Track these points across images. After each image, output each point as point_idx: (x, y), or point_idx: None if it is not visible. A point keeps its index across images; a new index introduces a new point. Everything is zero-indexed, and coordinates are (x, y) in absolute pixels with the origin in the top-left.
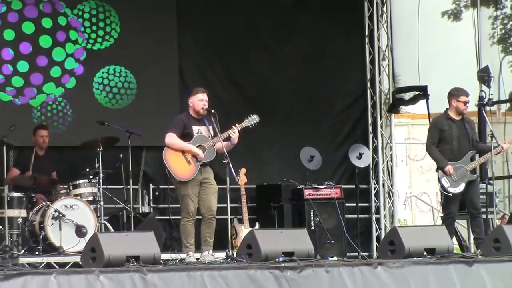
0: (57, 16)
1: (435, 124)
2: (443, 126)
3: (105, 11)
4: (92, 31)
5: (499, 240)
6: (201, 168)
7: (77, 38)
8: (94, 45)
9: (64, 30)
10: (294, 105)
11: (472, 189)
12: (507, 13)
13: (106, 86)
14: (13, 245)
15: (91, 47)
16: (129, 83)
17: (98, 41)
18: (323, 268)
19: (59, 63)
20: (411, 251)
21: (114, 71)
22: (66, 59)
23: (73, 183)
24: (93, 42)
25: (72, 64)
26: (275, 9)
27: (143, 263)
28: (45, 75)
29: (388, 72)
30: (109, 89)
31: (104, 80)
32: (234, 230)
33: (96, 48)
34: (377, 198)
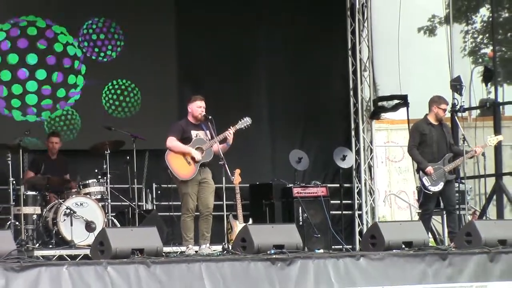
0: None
1: (416, 128)
2: (424, 130)
3: (110, 26)
4: (95, 45)
5: (471, 234)
6: (200, 168)
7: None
8: (98, 58)
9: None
10: (284, 111)
11: (449, 187)
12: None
13: (115, 98)
14: (28, 239)
15: (95, 59)
16: (135, 94)
17: (101, 55)
18: (310, 260)
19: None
20: (390, 244)
21: (120, 83)
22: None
23: (83, 182)
24: (97, 55)
25: (78, 79)
26: (269, 22)
27: (147, 255)
28: (54, 89)
29: (369, 81)
30: (118, 102)
31: (112, 91)
32: (229, 225)
33: (100, 60)
34: (359, 196)
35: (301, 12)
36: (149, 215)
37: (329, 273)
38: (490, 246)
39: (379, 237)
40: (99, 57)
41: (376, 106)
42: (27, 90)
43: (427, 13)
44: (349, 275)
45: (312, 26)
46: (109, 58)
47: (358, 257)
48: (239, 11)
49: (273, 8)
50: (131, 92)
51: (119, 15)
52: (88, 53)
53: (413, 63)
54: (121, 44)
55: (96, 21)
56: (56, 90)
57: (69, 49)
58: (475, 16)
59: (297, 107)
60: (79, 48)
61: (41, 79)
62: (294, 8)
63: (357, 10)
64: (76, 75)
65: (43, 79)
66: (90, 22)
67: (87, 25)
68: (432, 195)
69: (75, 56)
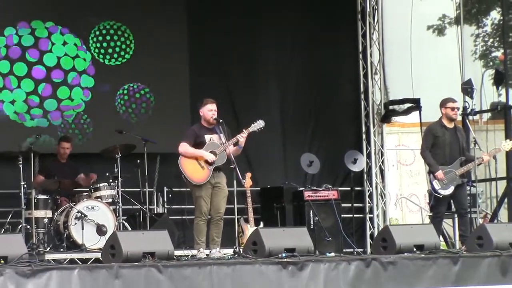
0: None
1: (430, 130)
2: (437, 132)
3: (119, 29)
4: (106, 49)
5: (482, 237)
6: (214, 173)
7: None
8: (111, 61)
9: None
10: (295, 114)
11: (460, 191)
12: (488, 31)
13: (126, 100)
14: (39, 243)
15: (108, 63)
16: (147, 98)
17: (114, 56)
18: (321, 263)
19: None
20: (401, 247)
21: (135, 87)
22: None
23: (94, 186)
24: (109, 58)
25: (89, 81)
26: (280, 27)
27: (158, 258)
28: None
29: (380, 85)
30: (129, 104)
31: (125, 95)
32: (240, 229)
33: (112, 64)
34: (370, 199)
35: (312, 16)
36: (160, 218)
37: (340, 275)
38: (501, 249)
39: (390, 240)
40: (110, 61)
41: (388, 110)
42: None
43: (438, 15)
44: (360, 277)
45: (323, 30)
46: (120, 62)
47: (369, 260)
48: (249, 15)
49: (283, 12)
50: (143, 95)
51: (130, 20)
52: (98, 57)
53: (424, 67)
54: (132, 48)
55: (107, 24)
56: None
57: (79, 53)
58: (486, 19)
59: (308, 111)
60: (88, 51)
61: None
62: (304, 12)
63: (367, 13)
64: None
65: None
66: (100, 26)
67: (98, 29)
68: (443, 198)
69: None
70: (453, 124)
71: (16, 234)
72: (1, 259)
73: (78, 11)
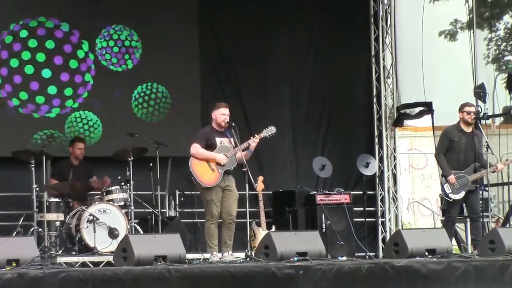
0: None
1: (446, 133)
2: (453, 137)
3: (126, 33)
4: (114, 54)
5: (494, 241)
6: (224, 176)
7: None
8: (116, 65)
9: None
10: (307, 118)
11: (472, 195)
12: (500, 35)
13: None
14: (51, 246)
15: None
16: (166, 98)
17: (121, 61)
18: (333, 267)
19: None
20: (413, 252)
21: (149, 87)
22: None
23: (106, 189)
24: (117, 62)
25: None
26: (292, 30)
27: (169, 262)
28: None
29: (392, 88)
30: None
31: (145, 97)
32: (252, 232)
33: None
34: (382, 203)
35: (324, 19)
36: (172, 222)
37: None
38: None
39: (402, 244)
40: (118, 65)
41: (400, 113)
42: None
43: (450, 19)
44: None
45: (335, 33)
46: (131, 66)
47: (382, 264)
48: (262, 18)
49: (296, 15)
50: (162, 97)
51: (139, 23)
52: (105, 61)
53: (437, 70)
54: (142, 52)
55: (115, 28)
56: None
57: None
58: (499, 23)
59: (320, 114)
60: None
61: None
62: (317, 15)
63: (380, 17)
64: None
65: None
66: (110, 30)
67: (105, 33)
68: (454, 202)
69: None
70: (470, 128)
71: (28, 237)
72: (13, 261)
73: (87, 13)
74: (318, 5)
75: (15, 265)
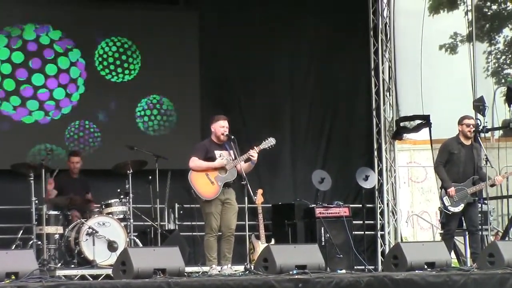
0: None
1: (446, 146)
2: (453, 149)
3: (125, 45)
4: (113, 65)
5: (493, 254)
6: (224, 189)
7: None
8: (119, 78)
9: None
10: (307, 131)
11: (471, 208)
12: (500, 48)
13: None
14: (50, 258)
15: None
16: (168, 111)
17: (121, 72)
18: (332, 280)
19: None
20: (413, 265)
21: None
22: None
23: (105, 202)
24: (118, 75)
25: None
26: (293, 43)
27: (169, 275)
28: None
29: (391, 102)
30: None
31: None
32: (251, 245)
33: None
34: (382, 216)
35: (324, 33)
36: (171, 235)
37: None
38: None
39: (401, 257)
40: (119, 77)
41: (399, 127)
42: None
43: (450, 33)
44: None
45: (336, 47)
46: (128, 78)
47: (381, 278)
48: (262, 29)
49: (296, 27)
50: (164, 110)
51: (138, 34)
52: (106, 74)
53: (436, 83)
54: (140, 64)
55: (114, 40)
56: None
57: None
58: (498, 36)
59: (319, 128)
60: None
61: None
62: (317, 27)
63: (380, 30)
64: None
65: None
66: (109, 42)
67: (104, 45)
68: (453, 215)
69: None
70: (470, 141)
71: (27, 250)
72: (12, 275)
73: (84, 26)
74: (318, 18)
75: (14, 278)
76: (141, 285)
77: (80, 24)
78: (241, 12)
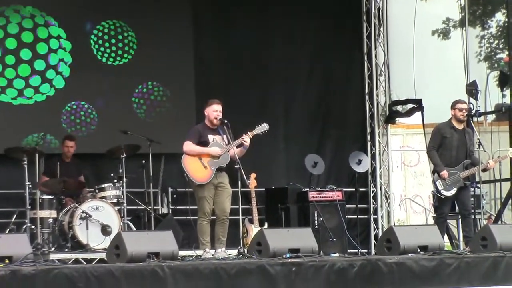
0: None
1: (438, 130)
2: (445, 133)
3: (121, 28)
4: (108, 49)
5: (486, 238)
6: (217, 173)
7: None
8: (115, 61)
9: None
10: (301, 116)
11: (464, 192)
12: (493, 32)
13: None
14: (44, 243)
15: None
16: (162, 97)
17: (116, 56)
18: (325, 263)
19: None
20: (406, 248)
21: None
22: None
23: (99, 186)
24: (111, 57)
25: None
26: (287, 25)
27: (162, 259)
28: None
29: (384, 86)
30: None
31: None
32: (245, 229)
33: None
34: (375, 200)
35: (318, 17)
36: (164, 219)
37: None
38: (505, 250)
39: (394, 241)
40: (115, 60)
41: (391, 111)
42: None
43: (442, 18)
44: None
45: (328, 31)
46: (124, 61)
47: (374, 261)
48: (256, 15)
49: (291, 12)
50: (158, 95)
51: (133, 19)
52: (99, 56)
53: (429, 68)
54: (135, 47)
55: (109, 24)
56: None
57: None
58: (491, 20)
59: (313, 112)
60: None
61: None
62: (311, 13)
63: (372, 14)
64: None
65: None
66: (105, 25)
67: (100, 29)
68: (445, 199)
69: None
70: (462, 126)
71: (21, 234)
72: (6, 259)
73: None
74: (312, 3)
75: (8, 262)
76: (135, 268)
77: (70, 8)
78: None
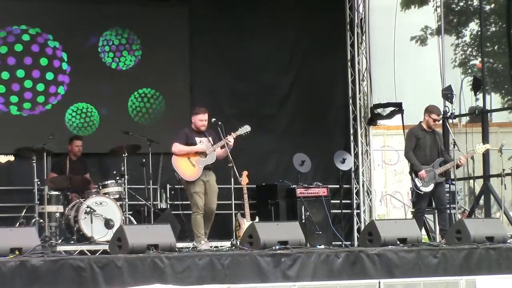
0: None
1: (412, 133)
2: (418, 135)
3: (126, 35)
4: (115, 55)
5: (460, 231)
6: (205, 171)
7: None
8: (117, 67)
9: None
10: (289, 117)
11: (439, 188)
12: (467, 41)
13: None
14: (51, 235)
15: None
16: (159, 102)
17: (122, 61)
18: (312, 254)
19: None
20: (386, 240)
21: (146, 92)
22: None
23: (102, 183)
24: (116, 64)
25: None
26: (276, 35)
27: (161, 250)
28: None
29: (366, 90)
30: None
31: (138, 99)
32: (237, 223)
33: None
34: (358, 196)
35: (305, 27)
36: (163, 213)
37: (328, 265)
38: (478, 242)
39: (375, 234)
40: (118, 65)
41: (373, 113)
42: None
43: (421, 26)
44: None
45: (315, 40)
46: (126, 67)
47: (357, 252)
48: (248, 21)
49: (280, 22)
50: (156, 99)
51: (134, 25)
52: (107, 62)
53: (408, 74)
54: (138, 54)
55: (114, 31)
56: None
57: None
58: (465, 30)
59: (301, 114)
60: None
61: None
62: (299, 23)
63: (355, 24)
64: None
65: None
66: (109, 32)
67: (106, 35)
68: (423, 195)
69: None
70: (431, 129)
71: (30, 228)
72: (17, 250)
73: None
74: (300, 14)
75: (18, 254)
76: (135, 259)
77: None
78: (228, 8)
